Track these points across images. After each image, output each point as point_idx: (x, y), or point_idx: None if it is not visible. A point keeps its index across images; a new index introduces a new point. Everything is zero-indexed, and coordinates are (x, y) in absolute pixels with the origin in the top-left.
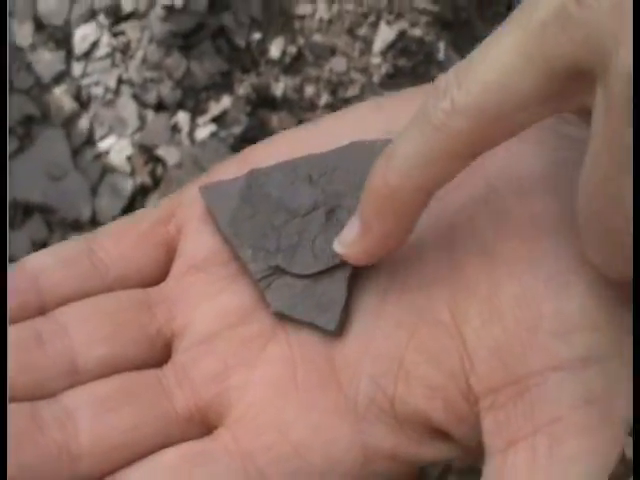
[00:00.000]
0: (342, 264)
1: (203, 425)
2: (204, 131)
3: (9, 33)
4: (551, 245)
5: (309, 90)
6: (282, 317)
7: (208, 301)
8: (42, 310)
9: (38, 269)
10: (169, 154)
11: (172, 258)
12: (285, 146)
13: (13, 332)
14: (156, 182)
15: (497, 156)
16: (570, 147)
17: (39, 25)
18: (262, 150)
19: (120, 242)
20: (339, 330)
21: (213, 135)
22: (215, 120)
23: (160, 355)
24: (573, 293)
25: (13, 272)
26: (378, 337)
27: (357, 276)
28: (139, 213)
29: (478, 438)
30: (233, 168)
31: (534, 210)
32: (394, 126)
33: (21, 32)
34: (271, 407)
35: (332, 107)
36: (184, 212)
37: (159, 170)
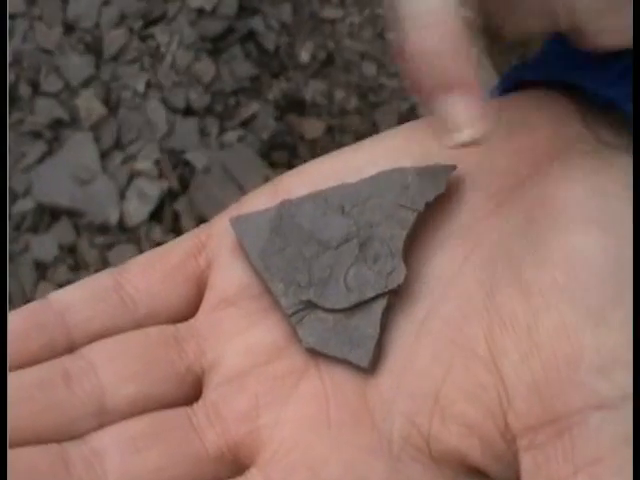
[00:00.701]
0: (376, 297)
1: (235, 465)
2: (232, 136)
3: (37, 36)
4: (589, 278)
5: (338, 95)
6: (314, 353)
7: (239, 336)
8: (70, 347)
9: (65, 305)
10: (197, 158)
11: (203, 292)
12: (317, 174)
13: (42, 371)
14: (184, 186)
15: (537, 185)
16: (607, 173)
17: (68, 28)
18: (294, 179)
19: (149, 276)
20: (372, 366)
21: (241, 140)
22: (243, 125)
23: (191, 392)
24: (612, 328)
25: (38, 307)
26: (413, 373)
27: (391, 310)
28: (169, 245)
29: (516, 476)
30: (264, 198)
31: (572, 242)
32: (427, 153)
33: (50, 36)
34: (303, 445)
35: (361, 112)
36: (214, 244)
37: (187, 174)
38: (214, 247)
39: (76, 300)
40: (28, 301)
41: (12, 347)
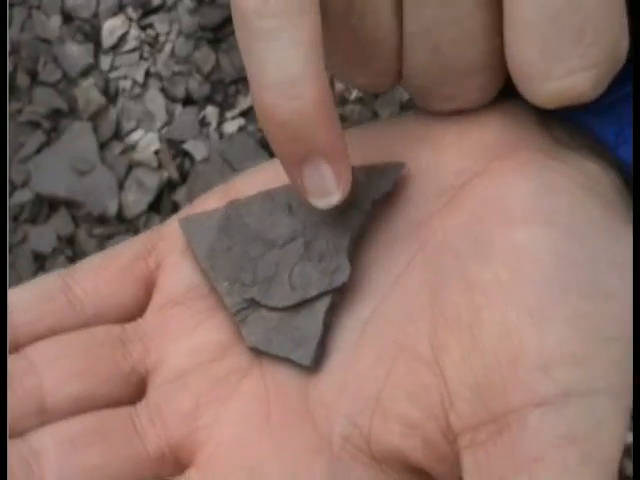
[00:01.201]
0: (319, 296)
1: (176, 465)
2: (232, 125)
3: (35, 25)
4: (533, 276)
5: (339, 85)
6: (258, 352)
7: (184, 336)
8: (14, 348)
9: (12, 305)
10: (197, 149)
11: (151, 293)
12: (269, 175)
13: None
14: (183, 177)
15: (482, 185)
16: (558, 169)
17: (67, 18)
18: (246, 180)
19: (97, 277)
20: (314, 365)
21: (241, 129)
22: (244, 114)
23: (135, 392)
24: (555, 326)
25: None
26: (355, 373)
27: (335, 309)
28: (119, 247)
29: (459, 476)
30: (216, 199)
31: (517, 240)
32: (376, 150)
33: (49, 25)
34: (242, 446)
35: (362, 102)
36: (164, 245)
37: (186, 165)
38: (164, 248)
39: (22, 301)
40: None
41: None
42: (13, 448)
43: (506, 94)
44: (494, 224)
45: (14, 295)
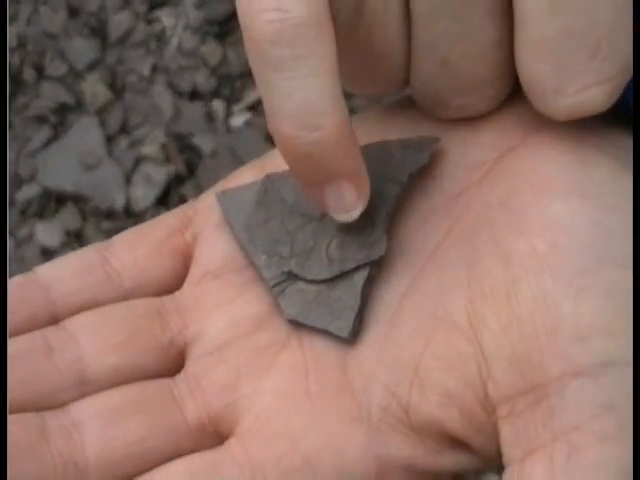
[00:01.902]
0: (357, 269)
1: (215, 435)
2: (239, 119)
3: (41, 20)
4: (569, 247)
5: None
6: (296, 324)
7: (222, 309)
8: (54, 321)
9: (50, 279)
10: (204, 143)
11: (188, 266)
12: None
13: (22, 342)
14: (191, 171)
15: (517, 159)
16: (593, 143)
17: (73, 12)
18: (279, 155)
19: (135, 251)
20: (353, 337)
21: (248, 123)
22: (251, 108)
23: (174, 364)
24: (592, 296)
25: (23, 281)
26: (393, 344)
27: (373, 281)
28: (155, 221)
29: (497, 447)
30: (251, 173)
31: (553, 211)
32: (412, 125)
33: (55, 19)
34: (281, 416)
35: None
36: (200, 219)
37: (194, 159)
38: (200, 222)
39: (61, 274)
40: None
41: None
42: (54, 419)
43: None
44: (529, 196)
45: (50, 269)
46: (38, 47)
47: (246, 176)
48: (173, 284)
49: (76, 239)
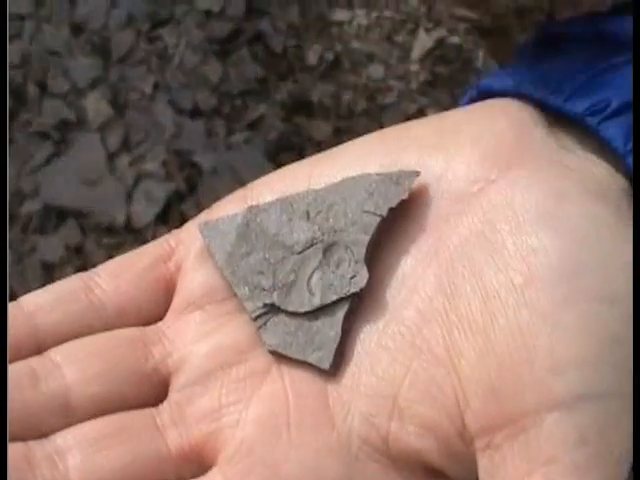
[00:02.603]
0: (338, 301)
1: (198, 464)
2: (240, 137)
3: (44, 37)
4: (545, 280)
5: (346, 97)
6: (277, 355)
7: (204, 339)
8: (38, 349)
9: (34, 308)
10: (204, 160)
11: (171, 295)
12: (286, 181)
13: (8, 371)
14: (191, 188)
15: (494, 193)
16: (568, 177)
17: (76, 30)
18: (263, 186)
19: (118, 279)
20: (333, 368)
21: (249, 141)
22: (251, 126)
23: (156, 393)
24: (567, 329)
25: (9, 310)
26: (373, 375)
27: (353, 314)
28: (139, 250)
29: (475, 477)
30: (234, 204)
31: (528, 245)
32: (391, 158)
33: (58, 37)
34: (262, 446)
35: (369, 114)
36: (184, 249)
37: (194, 176)
38: (183, 252)
39: (45, 303)
40: None
41: None
42: (39, 447)
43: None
44: (507, 230)
45: (34, 298)
46: (41, 64)
47: (228, 207)
48: (156, 313)
49: (77, 254)
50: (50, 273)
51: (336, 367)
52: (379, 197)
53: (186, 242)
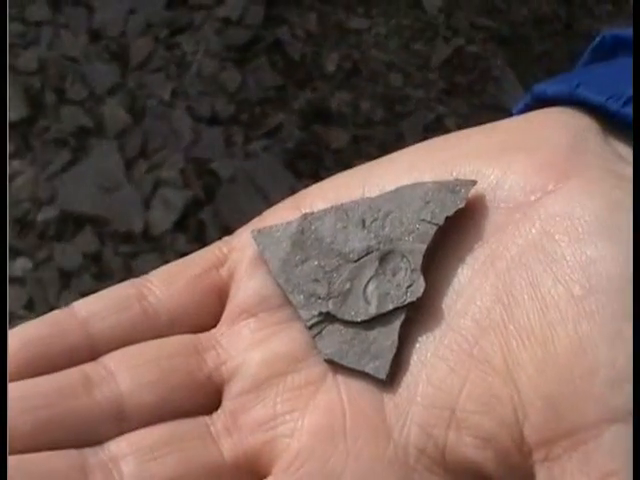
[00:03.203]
0: (394, 310)
1: (252, 474)
2: (258, 145)
3: (62, 44)
4: (605, 291)
5: (364, 105)
6: (333, 364)
7: (258, 347)
8: (92, 356)
9: (87, 315)
10: (222, 168)
11: (224, 303)
12: (338, 189)
13: (62, 377)
14: (209, 196)
15: (552, 203)
16: (626, 189)
17: (94, 36)
18: (316, 192)
19: (171, 286)
20: (390, 378)
21: (267, 149)
22: (269, 134)
23: (210, 401)
24: (626, 341)
25: (61, 315)
26: (429, 385)
27: (410, 323)
28: (191, 257)
29: None
30: (286, 211)
31: (587, 255)
32: (446, 167)
33: (76, 44)
34: (319, 456)
35: (387, 122)
36: (236, 256)
37: (212, 184)
38: (236, 259)
39: (99, 309)
40: (52, 309)
41: (34, 353)
42: (93, 455)
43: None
44: (565, 240)
45: (88, 304)
46: (59, 71)
47: (282, 214)
48: (209, 321)
49: (94, 262)
50: (67, 281)
51: (392, 377)
52: (435, 205)
53: (238, 249)
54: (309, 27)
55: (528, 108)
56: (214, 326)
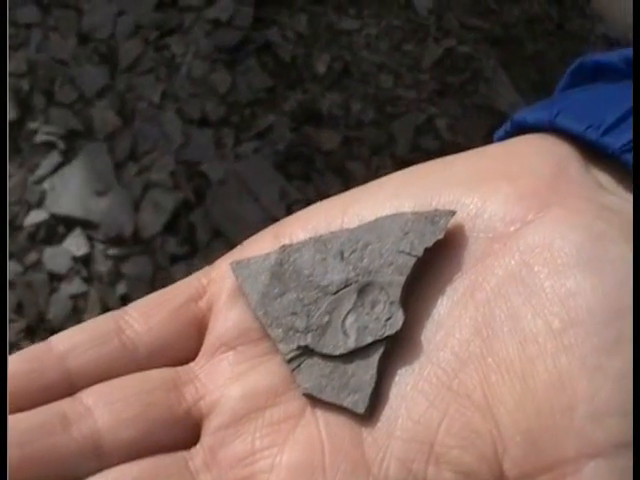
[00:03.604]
0: (373, 344)
1: None
2: (248, 147)
3: (51, 46)
4: (585, 324)
5: (355, 106)
6: (312, 398)
7: (237, 381)
8: (71, 391)
9: (66, 349)
10: (213, 170)
11: (203, 335)
12: (318, 219)
13: (39, 414)
14: (199, 198)
15: (532, 233)
16: (607, 219)
17: (83, 39)
18: (295, 223)
19: (150, 320)
20: (369, 412)
21: (257, 151)
22: (259, 136)
23: (189, 436)
24: (608, 375)
25: (38, 351)
26: (409, 419)
27: (389, 356)
28: (170, 289)
29: None
30: (265, 243)
31: (567, 288)
32: (426, 197)
33: (65, 46)
34: None
35: (378, 124)
36: (215, 288)
37: (202, 186)
38: (215, 291)
39: (77, 344)
40: (41, 313)
41: (11, 389)
42: None
43: (554, 133)
44: (544, 272)
45: (66, 338)
46: (48, 73)
47: (261, 245)
48: (188, 353)
49: (84, 265)
50: (57, 284)
51: (371, 411)
52: (414, 237)
53: (218, 280)
54: (299, 28)
55: (508, 135)
56: (193, 359)
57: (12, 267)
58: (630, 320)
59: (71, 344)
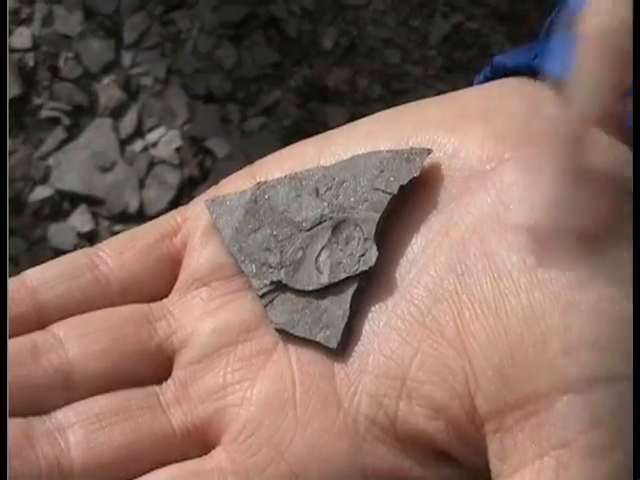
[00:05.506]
0: (346, 280)
1: (202, 443)
2: (254, 123)
3: (56, 21)
4: (558, 259)
5: (362, 82)
6: (284, 334)
7: (210, 316)
8: (41, 324)
9: (38, 283)
10: (218, 146)
11: (177, 272)
12: (295, 158)
13: (10, 345)
14: (205, 174)
15: (507, 172)
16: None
17: (88, 14)
18: (272, 162)
19: (123, 255)
20: (341, 347)
21: (263, 127)
22: (265, 112)
23: (160, 371)
24: (581, 309)
25: (11, 283)
26: (381, 355)
27: (362, 292)
28: (144, 226)
29: (485, 460)
30: (241, 181)
31: (541, 224)
32: (403, 136)
33: (70, 21)
34: (267, 425)
35: (385, 100)
36: (190, 225)
37: (208, 162)
38: (190, 228)
39: (49, 277)
40: None
41: None
42: (40, 424)
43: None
44: (520, 209)
45: (38, 273)
46: (53, 48)
47: (236, 184)
48: (161, 290)
49: (89, 241)
50: None
51: (344, 347)
52: (390, 174)
53: (193, 218)
54: (305, 3)
55: (487, 80)
56: (166, 296)
57: (17, 243)
58: (604, 255)
59: (43, 278)
